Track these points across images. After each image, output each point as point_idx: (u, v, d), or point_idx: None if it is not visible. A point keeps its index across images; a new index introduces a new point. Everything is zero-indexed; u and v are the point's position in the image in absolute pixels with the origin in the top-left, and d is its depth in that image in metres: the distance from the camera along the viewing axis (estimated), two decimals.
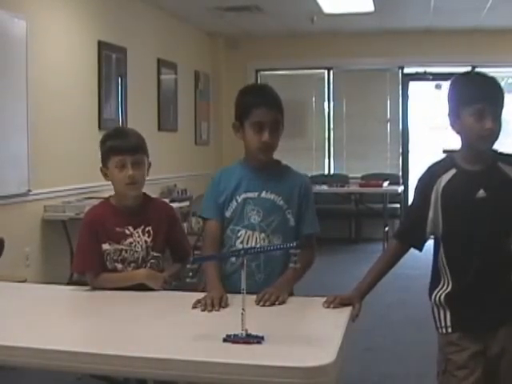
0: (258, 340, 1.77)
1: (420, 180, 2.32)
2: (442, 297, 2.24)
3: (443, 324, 2.25)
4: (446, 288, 2.24)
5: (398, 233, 2.39)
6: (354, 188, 9.13)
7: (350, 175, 9.50)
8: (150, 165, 2.60)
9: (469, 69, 9.28)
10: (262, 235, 2.42)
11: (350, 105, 9.75)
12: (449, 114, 2.23)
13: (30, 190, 5.28)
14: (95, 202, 2.78)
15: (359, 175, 9.36)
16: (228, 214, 2.46)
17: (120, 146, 2.49)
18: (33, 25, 5.26)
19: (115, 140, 2.53)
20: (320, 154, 9.89)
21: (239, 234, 2.44)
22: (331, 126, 9.85)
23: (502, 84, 9.64)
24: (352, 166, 9.71)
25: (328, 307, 2.15)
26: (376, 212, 8.76)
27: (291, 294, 2.36)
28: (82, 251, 2.59)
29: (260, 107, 2.38)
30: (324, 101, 9.86)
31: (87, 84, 6.24)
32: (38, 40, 5.38)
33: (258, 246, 2.40)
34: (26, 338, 1.84)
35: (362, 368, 3.98)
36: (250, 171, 2.48)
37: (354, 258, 7.40)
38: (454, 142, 2.30)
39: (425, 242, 2.29)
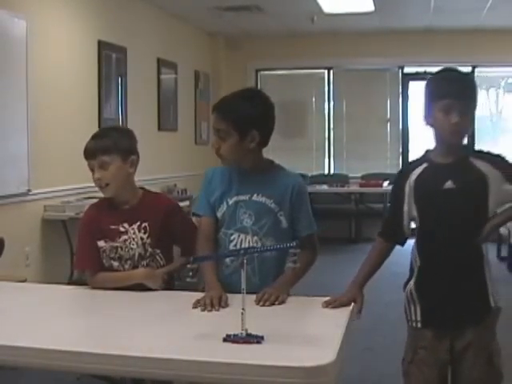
0: (258, 340, 1.77)
1: (396, 177, 2.41)
2: (413, 289, 2.30)
3: (414, 318, 2.30)
4: (416, 280, 2.30)
5: (380, 231, 2.44)
6: (354, 188, 9.13)
7: (350, 175, 9.50)
8: (135, 160, 2.57)
9: (469, 69, 9.31)
10: (255, 238, 2.40)
11: (350, 105, 9.74)
12: (423, 110, 2.29)
13: (29, 190, 5.28)
14: (95, 201, 2.77)
15: (359, 175, 9.36)
16: (219, 215, 2.45)
17: (86, 150, 2.53)
18: (33, 25, 5.26)
19: (89, 142, 2.56)
20: (320, 154, 9.88)
21: (232, 238, 2.43)
22: (331, 125, 9.84)
23: (502, 84, 9.66)
24: (352, 166, 9.71)
25: (326, 307, 2.16)
26: (376, 212, 8.75)
27: (288, 295, 2.35)
28: (81, 250, 2.61)
29: (213, 114, 2.44)
30: (324, 101, 9.85)
31: (87, 84, 6.24)
32: (38, 40, 5.38)
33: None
34: (27, 338, 1.84)
35: (361, 368, 3.98)
36: (242, 173, 2.46)
37: (354, 257, 7.34)
38: None
39: (405, 237, 2.35)
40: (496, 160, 2.28)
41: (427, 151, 2.34)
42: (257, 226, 2.41)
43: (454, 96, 2.20)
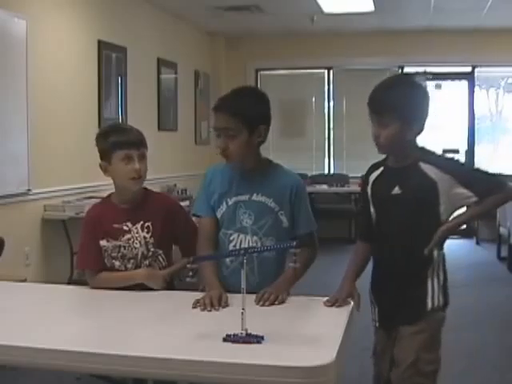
0: (258, 340, 1.77)
1: (362, 180, 2.46)
2: (370, 291, 2.37)
3: (373, 317, 2.38)
4: (371, 282, 2.38)
5: (359, 233, 2.51)
6: (354, 188, 9.12)
7: (350, 175, 9.49)
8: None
9: (469, 69, 9.32)
10: (255, 238, 2.41)
11: (349, 104, 9.73)
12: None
13: (29, 190, 5.28)
14: (95, 201, 2.78)
15: (359, 175, 9.29)
16: (218, 215, 2.46)
17: (126, 141, 2.49)
18: (33, 24, 5.26)
19: (119, 135, 2.51)
20: (320, 154, 9.88)
21: (231, 238, 2.43)
22: (331, 125, 9.84)
23: (502, 84, 9.67)
24: (352, 166, 9.69)
25: (331, 306, 2.19)
26: None
27: (288, 294, 2.35)
28: (83, 250, 2.61)
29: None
30: (324, 100, 9.85)
31: (87, 83, 6.24)
32: (39, 40, 5.38)
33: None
34: (26, 338, 1.85)
35: (361, 367, 3.97)
36: (240, 173, 2.46)
37: None
38: (454, 142, 2.36)
39: None
40: (446, 164, 2.24)
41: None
42: (256, 226, 2.41)
43: (370, 109, 2.26)
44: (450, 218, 2.25)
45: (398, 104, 2.21)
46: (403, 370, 2.21)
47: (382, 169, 2.35)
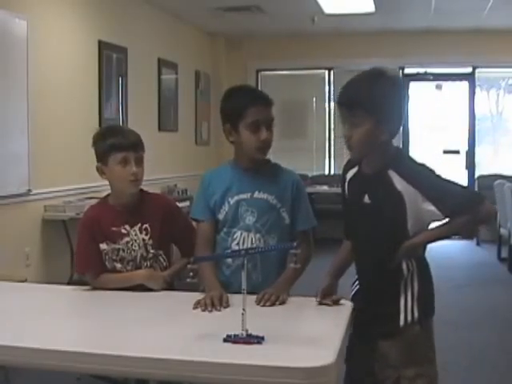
0: (259, 340, 1.77)
1: (340, 177, 2.33)
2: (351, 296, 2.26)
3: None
4: (352, 288, 2.28)
5: (344, 231, 2.36)
6: None
7: None
8: None
9: (469, 69, 9.31)
10: (258, 235, 2.41)
11: None
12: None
13: (30, 190, 5.27)
14: (95, 201, 2.76)
15: None
16: (221, 216, 2.45)
17: (123, 143, 2.48)
18: (34, 25, 5.26)
19: (116, 137, 2.50)
20: (320, 154, 9.88)
21: (235, 236, 2.43)
22: (332, 126, 9.83)
23: (503, 85, 9.66)
24: None
25: (330, 304, 2.16)
26: None
27: (288, 295, 2.35)
28: (81, 252, 2.60)
29: (255, 106, 2.37)
30: (324, 101, 9.84)
31: (88, 84, 6.24)
32: (39, 40, 5.38)
33: (255, 245, 2.39)
34: (27, 338, 1.84)
35: None
36: (241, 172, 2.46)
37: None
38: (455, 143, 2.30)
39: None
40: (414, 175, 2.04)
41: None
42: (259, 223, 2.41)
43: (338, 105, 2.10)
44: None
45: (368, 98, 2.02)
46: None
47: (356, 169, 2.20)
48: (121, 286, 2.46)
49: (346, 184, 2.25)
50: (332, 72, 9.77)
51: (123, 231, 2.51)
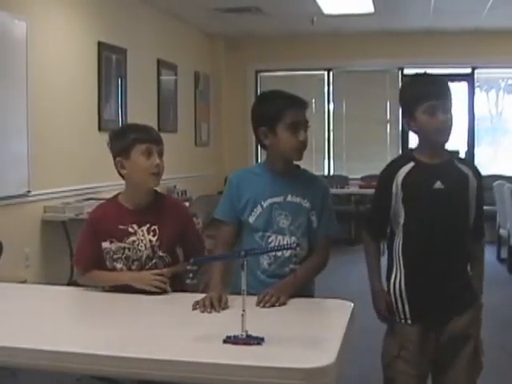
0: (259, 341, 1.76)
1: (381, 174, 2.42)
2: (398, 287, 2.34)
3: (402, 316, 2.34)
4: (401, 278, 2.34)
5: (368, 231, 2.47)
6: (353, 189, 9.13)
7: (350, 176, 9.50)
8: None
9: (469, 70, 9.32)
10: (293, 238, 2.40)
11: (349, 106, 9.75)
12: (404, 116, 2.37)
13: (29, 191, 5.28)
14: (95, 202, 2.77)
15: (359, 176, 9.36)
16: (252, 219, 2.43)
17: (147, 136, 2.49)
18: (33, 26, 5.27)
19: (139, 132, 2.51)
20: (320, 155, 9.88)
21: (270, 240, 2.42)
22: (331, 127, 9.85)
23: (502, 85, 9.67)
24: (352, 167, 9.71)
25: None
26: None
27: (311, 296, 2.39)
28: (79, 247, 2.62)
29: (293, 107, 2.39)
30: (324, 102, 9.86)
31: (87, 85, 6.25)
32: (39, 41, 5.38)
33: (256, 247, 2.39)
34: (26, 339, 1.85)
35: (361, 369, 3.98)
36: (274, 175, 2.46)
37: (354, 259, 7.35)
38: (454, 143, 2.38)
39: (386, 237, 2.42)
40: (475, 169, 2.39)
41: (409, 151, 2.40)
42: (294, 227, 2.41)
43: (436, 97, 2.28)
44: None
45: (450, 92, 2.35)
46: None
47: (412, 164, 2.34)
48: (106, 284, 2.47)
49: (400, 181, 2.32)
50: (331, 73, 9.78)
51: (130, 230, 2.49)
